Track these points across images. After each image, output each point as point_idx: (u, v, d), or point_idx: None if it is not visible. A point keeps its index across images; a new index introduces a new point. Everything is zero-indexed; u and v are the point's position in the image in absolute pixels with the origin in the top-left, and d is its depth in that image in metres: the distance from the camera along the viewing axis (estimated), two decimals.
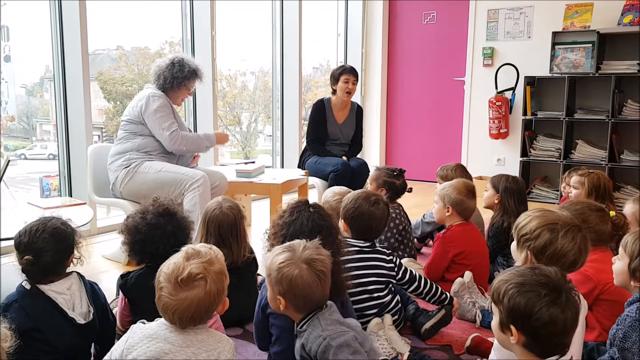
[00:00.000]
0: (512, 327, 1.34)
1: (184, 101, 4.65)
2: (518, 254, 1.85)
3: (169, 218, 2.09)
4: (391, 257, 2.25)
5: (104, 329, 1.89)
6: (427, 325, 2.24)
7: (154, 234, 2.03)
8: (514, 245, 1.89)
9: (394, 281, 2.26)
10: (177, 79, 3.27)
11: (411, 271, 2.30)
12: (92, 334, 1.83)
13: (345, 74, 4.34)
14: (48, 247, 1.75)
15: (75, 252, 1.85)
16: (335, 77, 4.38)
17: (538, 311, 1.30)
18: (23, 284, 1.77)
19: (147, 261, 2.06)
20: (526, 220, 1.84)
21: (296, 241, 1.67)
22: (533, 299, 1.31)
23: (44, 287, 1.76)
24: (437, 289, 2.32)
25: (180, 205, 2.29)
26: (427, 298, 2.32)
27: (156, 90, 3.28)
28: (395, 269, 2.25)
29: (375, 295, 2.18)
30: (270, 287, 1.62)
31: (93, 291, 1.89)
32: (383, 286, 2.21)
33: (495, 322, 1.42)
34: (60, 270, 1.82)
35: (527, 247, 1.79)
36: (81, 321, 1.77)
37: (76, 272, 1.87)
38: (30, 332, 1.67)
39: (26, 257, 1.73)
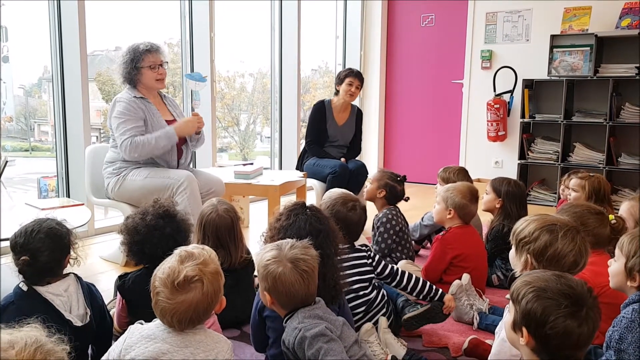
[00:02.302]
0: (524, 329, 1.33)
1: (180, 97, 4.65)
2: (517, 260, 1.84)
3: (168, 220, 2.08)
4: (369, 253, 2.26)
5: (101, 330, 1.89)
6: (407, 315, 2.23)
7: (152, 236, 2.02)
8: (512, 252, 1.88)
9: (374, 275, 2.26)
10: (128, 66, 3.20)
11: (392, 266, 2.30)
12: (88, 336, 1.83)
13: (351, 77, 4.38)
14: (44, 247, 1.75)
15: (72, 252, 1.85)
16: (340, 78, 4.42)
17: (554, 320, 1.28)
18: (20, 285, 1.76)
19: (144, 262, 2.06)
20: (524, 225, 1.84)
21: (286, 240, 1.70)
22: (551, 307, 1.29)
23: (41, 289, 1.75)
24: (424, 283, 2.30)
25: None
26: (414, 293, 2.30)
27: (124, 93, 3.23)
28: (374, 264, 2.26)
29: (361, 293, 2.18)
30: (259, 282, 1.67)
31: (90, 293, 1.88)
32: (367, 284, 2.21)
33: (508, 320, 1.41)
34: (57, 270, 1.82)
35: (527, 250, 1.79)
36: (78, 323, 1.77)
37: (73, 273, 1.87)
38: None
39: (23, 258, 1.73)
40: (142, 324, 1.51)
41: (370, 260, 2.25)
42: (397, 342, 2.11)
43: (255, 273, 2.53)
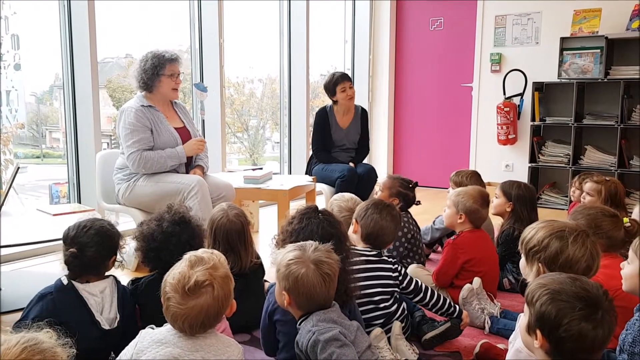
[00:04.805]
0: (538, 331, 1.32)
1: (191, 106, 4.67)
2: (528, 270, 1.80)
3: (184, 226, 2.09)
4: (396, 266, 2.24)
5: (129, 334, 1.90)
6: (428, 336, 2.22)
7: (169, 242, 2.03)
8: (522, 262, 1.84)
9: (398, 289, 2.24)
10: (147, 72, 3.19)
11: (417, 281, 2.27)
12: (114, 340, 1.85)
13: (340, 84, 4.31)
14: (92, 243, 1.86)
15: (118, 255, 1.94)
16: (331, 90, 4.35)
17: (568, 323, 1.27)
18: (61, 278, 1.86)
19: (160, 268, 2.06)
20: (532, 233, 1.81)
21: (308, 242, 1.70)
22: (565, 309, 1.28)
23: (79, 286, 1.84)
24: (444, 300, 2.28)
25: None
26: (433, 309, 2.29)
27: (131, 102, 3.23)
28: (400, 278, 2.23)
29: (382, 305, 2.16)
30: (278, 281, 1.66)
31: (124, 297, 1.94)
32: (389, 296, 2.19)
33: (523, 322, 1.40)
34: (100, 269, 1.91)
35: (538, 259, 1.75)
36: (106, 326, 1.82)
37: (113, 276, 1.94)
38: (56, 325, 1.69)
39: (71, 250, 1.83)
40: (152, 328, 1.52)
41: (396, 274, 2.22)
42: (409, 349, 2.10)
43: (266, 278, 2.54)
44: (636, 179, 5.10)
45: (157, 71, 3.20)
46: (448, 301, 2.30)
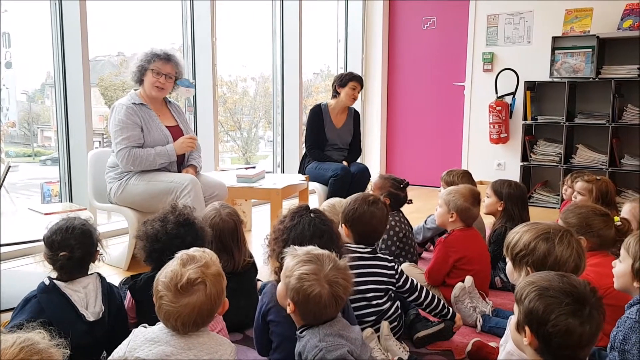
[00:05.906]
0: (527, 328, 1.33)
1: (184, 103, 4.65)
2: (517, 275, 1.80)
3: (188, 228, 2.07)
4: (393, 264, 2.24)
5: (118, 329, 1.91)
6: (420, 334, 2.23)
7: (172, 244, 1.99)
8: (509, 267, 1.84)
9: (394, 288, 2.24)
10: (139, 62, 3.22)
11: (412, 280, 2.28)
12: (100, 333, 1.86)
13: (355, 81, 4.42)
14: (78, 244, 1.87)
15: (99, 248, 1.96)
16: (343, 82, 4.42)
17: (555, 318, 1.28)
18: (44, 280, 1.87)
19: (161, 268, 2.06)
20: (516, 237, 1.80)
21: (325, 253, 1.64)
22: (553, 305, 1.29)
23: (61, 284, 1.85)
24: (438, 301, 2.29)
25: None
26: (427, 310, 2.29)
27: (123, 99, 3.23)
28: (396, 276, 2.23)
29: (374, 302, 2.16)
30: (285, 287, 1.61)
31: (110, 293, 1.95)
32: (382, 294, 2.19)
33: (513, 321, 1.41)
34: (87, 266, 1.94)
35: (526, 263, 1.75)
36: (90, 318, 1.83)
37: (98, 273, 1.95)
38: (43, 325, 1.69)
39: (62, 254, 1.85)
40: (145, 327, 1.52)
41: (392, 272, 2.22)
42: (399, 348, 2.10)
43: (259, 277, 2.54)
44: (627, 178, 5.13)
45: (144, 64, 3.21)
46: (442, 302, 2.30)
